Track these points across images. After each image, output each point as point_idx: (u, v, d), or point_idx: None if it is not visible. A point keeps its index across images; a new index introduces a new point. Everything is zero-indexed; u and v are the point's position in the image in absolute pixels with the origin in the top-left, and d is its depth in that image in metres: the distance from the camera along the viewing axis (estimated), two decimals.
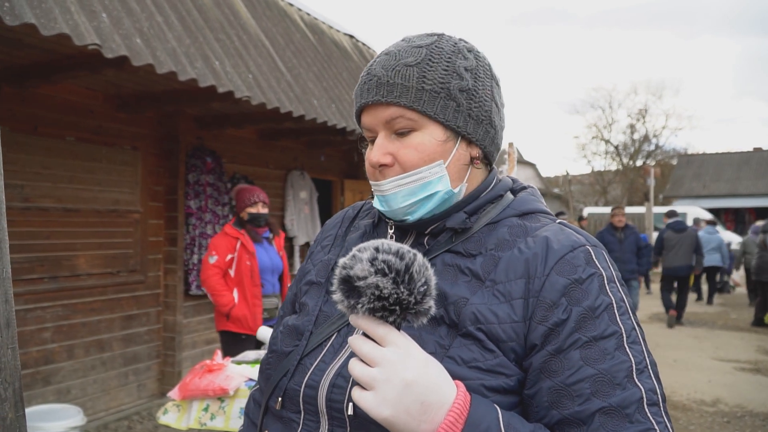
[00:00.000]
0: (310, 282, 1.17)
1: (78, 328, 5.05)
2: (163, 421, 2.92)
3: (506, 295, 0.96)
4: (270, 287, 4.85)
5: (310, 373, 1.02)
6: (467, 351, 0.94)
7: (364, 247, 0.85)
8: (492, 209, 1.08)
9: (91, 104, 5.14)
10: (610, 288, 0.96)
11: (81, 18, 3.46)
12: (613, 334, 0.92)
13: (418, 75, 1.01)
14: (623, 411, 0.88)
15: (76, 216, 5.02)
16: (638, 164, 39.41)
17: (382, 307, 0.82)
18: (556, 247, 0.98)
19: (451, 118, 1.03)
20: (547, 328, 0.93)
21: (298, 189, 7.68)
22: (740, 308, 13.03)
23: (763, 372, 7.50)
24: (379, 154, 1.04)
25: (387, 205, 1.06)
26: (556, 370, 0.91)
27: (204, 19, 4.90)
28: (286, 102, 5.19)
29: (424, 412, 0.82)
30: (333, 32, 8.00)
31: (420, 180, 1.03)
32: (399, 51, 1.05)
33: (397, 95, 1.01)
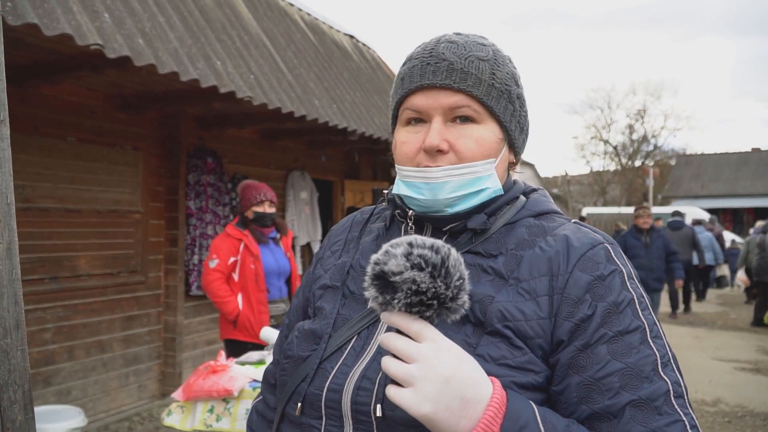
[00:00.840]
0: (325, 286, 1.15)
1: (78, 329, 5.04)
2: (168, 422, 2.92)
3: (531, 293, 0.97)
4: (276, 292, 4.56)
5: (332, 376, 1.00)
6: (495, 348, 0.94)
7: (396, 242, 0.85)
8: (508, 210, 1.08)
9: (92, 104, 5.13)
10: (630, 284, 0.98)
11: (83, 18, 3.45)
12: (637, 328, 0.94)
13: (490, 71, 1.03)
14: (652, 403, 0.89)
15: (77, 216, 5.01)
16: (637, 164, 39.47)
17: (419, 302, 0.82)
18: (576, 244, 1.00)
19: (508, 119, 1.07)
20: (573, 324, 0.94)
21: (298, 189, 7.67)
22: (740, 308, 13.04)
23: (764, 372, 7.50)
24: (438, 138, 1.01)
25: (431, 194, 1.03)
26: (584, 366, 0.92)
27: (206, 20, 4.89)
28: (288, 102, 5.19)
29: (463, 407, 0.82)
30: (333, 32, 7.99)
31: (473, 173, 1.03)
32: (467, 43, 1.05)
33: (471, 84, 1.01)
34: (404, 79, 1.07)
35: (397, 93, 1.09)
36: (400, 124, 1.10)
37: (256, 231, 4.47)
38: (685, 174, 35.75)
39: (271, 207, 4.46)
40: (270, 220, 4.46)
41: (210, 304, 6.38)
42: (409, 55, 1.09)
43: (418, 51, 1.07)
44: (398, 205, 1.12)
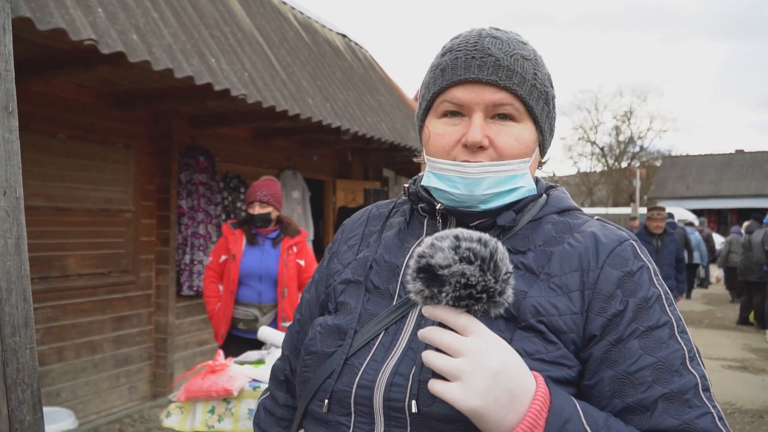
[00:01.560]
0: (347, 281, 1.13)
1: (68, 330, 4.96)
2: (167, 423, 2.87)
3: (563, 288, 0.97)
4: (253, 295, 4.22)
5: (361, 372, 0.98)
6: (530, 343, 0.93)
7: (442, 236, 0.84)
8: (533, 207, 1.08)
9: (84, 101, 5.06)
10: (656, 280, 0.99)
11: (77, 12, 3.40)
12: (666, 323, 0.95)
13: (533, 71, 1.03)
14: (683, 396, 0.90)
15: (68, 215, 4.94)
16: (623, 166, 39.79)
17: (468, 295, 0.81)
18: (605, 241, 1.00)
19: (544, 120, 1.08)
20: (606, 319, 0.94)
21: (290, 189, 7.63)
22: (725, 307, 13.18)
23: (750, 370, 7.58)
24: (481, 133, 1.01)
25: (467, 189, 1.02)
26: (617, 360, 0.93)
27: (199, 16, 4.84)
28: (282, 100, 5.15)
29: (511, 401, 0.81)
30: (326, 31, 7.96)
31: (511, 171, 1.03)
32: (510, 40, 1.04)
33: (516, 83, 1.01)
34: (445, 71, 1.04)
35: (436, 83, 1.06)
36: (435, 115, 1.07)
37: (249, 231, 4.31)
38: (670, 175, 36.11)
39: (263, 207, 4.23)
40: (260, 221, 4.24)
41: (201, 304, 6.33)
42: (448, 46, 1.07)
43: (460, 43, 1.05)
44: (422, 198, 1.11)
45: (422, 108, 1.11)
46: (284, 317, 4.17)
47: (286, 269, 4.22)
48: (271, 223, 4.28)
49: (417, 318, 1.00)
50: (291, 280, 4.24)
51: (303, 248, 4.37)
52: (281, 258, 4.24)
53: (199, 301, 6.28)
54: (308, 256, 4.39)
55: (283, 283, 4.21)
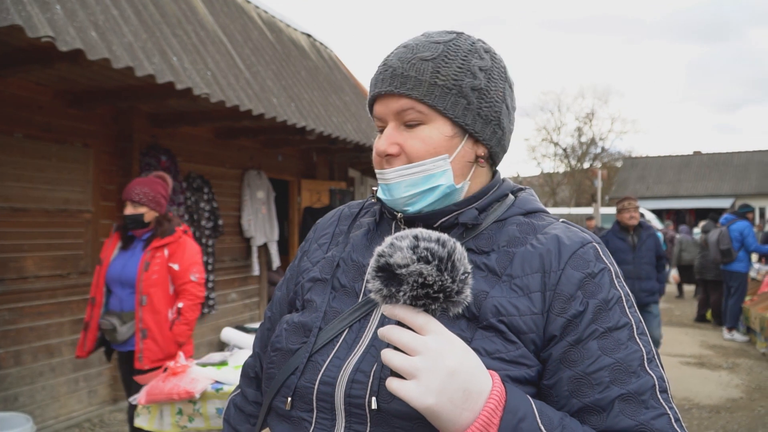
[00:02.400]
0: (314, 279, 1.15)
1: (25, 333, 4.85)
2: (138, 423, 2.86)
3: (524, 289, 0.98)
4: (116, 302, 3.82)
5: (324, 369, 0.99)
6: (490, 343, 0.95)
7: (401, 235, 0.85)
8: (498, 207, 1.10)
9: (41, 100, 4.95)
10: (617, 282, 1.01)
11: (34, 9, 3.32)
12: (625, 325, 0.97)
13: (432, 70, 1.03)
14: (640, 397, 0.92)
15: (25, 216, 4.82)
16: (585, 166, 40.46)
17: (425, 294, 0.82)
18: (567, 243, 1.02)
19: (460, 114, 1.05)
20: (565, 320, 0.96)
21: (255, 189, 7.57)
22: (683, 305, 13.50)
23: (708, 366, 7.78)
24: (386, 143, 1.05)
25: (389, 194, 1.07)
26: (575, 360, 0.94)
27: (161, 14, 4.78)
28: (246, 100, 5.11)
29: (465, 399, 0.82)
30: (290, 31, 7.93)
31: (423, 172, 1.04)
32: (417, 45, 1.06)
33: (410, 87, 1.03)
34: (369, 89, 1.11)
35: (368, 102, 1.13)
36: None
37: (125, 234, 3.91)
38: (630, 176, 36.83)
39: (135, 208, 3.80)
40: (131, 222, 3.82)
41: None
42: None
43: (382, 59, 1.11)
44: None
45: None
46: (143, 329, 3.70)
47: (145, 274, 3.74)
48: (144, 224, 3.85)
49: (381, 316, 1.01)
50: (154, 286, 3.75)
51: (178, 250, 3.84)
52: (141, 261, 3.78)
53: None
54: (185, 259, 3.83)
55: (141, 290, 3.73)
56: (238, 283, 7.55)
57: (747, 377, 7.21)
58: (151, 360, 3.65)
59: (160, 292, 3.75)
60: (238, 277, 7.56)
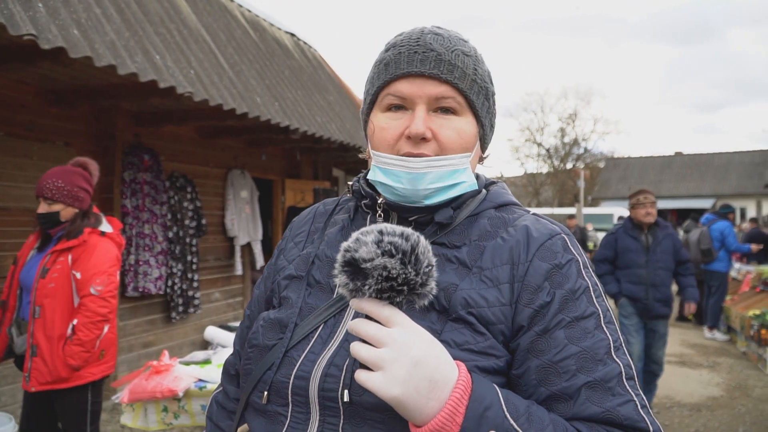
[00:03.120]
0: (290, 276, 1.15)
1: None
2: (123, 421, 2.85)
3: (493, 280, 1.00)
4: (21, 309, 3.28)
5: (299, 364, 1.00)
6: (459, 334, 0.96)
7: (367, 230, 0.86)
8: (471, 202, 1.11)
9: (23, 98, 4.91)
10: (585, 273, 1.03)
11: (16, 7, 3.30)
12: (592, 314, 0.99)
13: (473, 67, 1.06)
14: (606, 385, 0.94)
15: (6, 215, 4.78)
16: (568, 167, 40.73)
17: (390, 287, 0.84)
18: (536, 235, 1.03)
19: (484, 115, 1.10)
20: (533, 311, 0.98)
21: (238, 188, 7.55)
22: None
23: (689, 364, 7.87)
24: (424, 125, 1.02)
25: (410, 184, 1.03)
26: (543, 350, 0.96)
27: (143, 12, 4.75)
28: (229, 99, 5.10)
29: (431, 389, 0.84)
30: (274, 30, 7.92)
31: (452, 166, 1.05)
32: (450, 37, 1.07)
33: (457, 77, 1.04)
34: (389, 65, 1.06)
35: (380, 78, 1.08)
36: (379, 109, 1.09)
37: (44, 233, 3.35)
38: (613, 176, 37.14)
39: (49, 205, 3.21)
40: (43, 222, 3.24)
41: (147, 305, 6.22)
42: (391, 42, 1.10)
43: (403, 39, 1.07)
44: (366, 193, 1.13)
45: (367, 103, 1.13)
46: (33, 344, 3.10)
47: (41, 282, 3.14)
48: (60, 223, 3.25)
49: (354, 312, 1.02)
50: (49, 297, 3.12)
51: (83, 255, 3.19)
52: (39, 266, 3.20)
53: (145, 302, 6.17)
54: (89, 266, 3.16)
55: (34, 300, 3.13)
56: (221, 282, 7.53)
57: (727, 376, 7.30)
58: (38, 382, 3.06)
59: (57, 304, 3.11)
60: (222, 276, 7.54)
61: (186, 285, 6.56)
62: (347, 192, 1.22)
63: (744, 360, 8.14)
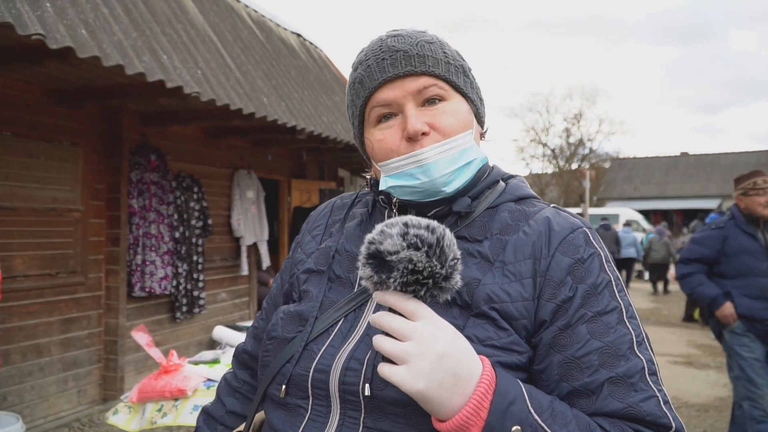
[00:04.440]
0: (310, 270, 1.16)
1: (14, 332, 4.81)
2: (111, 421, 2.82)
3: (516, 275, 0.99)
4: None
5: (319, 357, 1.00)
6: (482, 330, 0.96)
7: (392, 222, 0.86)
8: (490, 194, 1.10)
9: (29, 98, 4.92)
10: (608, 267, 1.01)
11: (24, 7, 3.31)
12: (614, 309, 0.98)
13: (441, 51, 1.07)
14: (628, 380, 0.93)
15: (13, 215, 4.79)
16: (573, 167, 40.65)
17: (415, 280, 0.83)
18: (557, 229, 1.02)
19: (470, 91, 1.11)
20: (555, 305, 0.97)
21: (245, 188, 7.56)
22: (671, 305, 13.62)
23: (696, 365, 7.85)
24: (419, 122, 1.03)
25: (426, 176, 1.03)
26: (565, 345, 0.95)
27: (150, 12, 4.76)
28: (236, 99, 5.10)
29: (456, 384, 0.84)
30: (280, 30, 7.92)
31: (459, 146, 1.05)
32: (410, 33, 1.08)
33: (431, 65, 1.04)
34: (363, 81, 1.07)
35: (360, 96, 1.09)
36: (370, 126, 1.09)
37: None
38: (618, 176, 37.06)
39: None
40: None
41: (153, 305, 6.23)
42: (357, 61, 1.10)
43: (367, 53, 1.08)
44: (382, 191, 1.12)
45: (356, 126, 1.14)
46: None
47: None
48: None
49: (375, 306, 1.02)
50: None
51: None
52: None
53: (151, 302, 6.18)
54: None
55: None
56: (227, 282, 7.54)
57: None
58: None
59: None
60: (228, 276, 7.54)
61: (191, 285, 6.57)
62: (366, 186, 1.22)
63: None
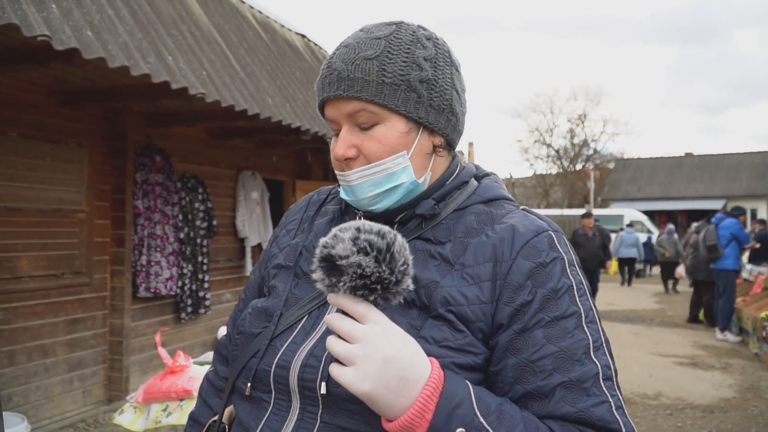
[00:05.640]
0: (279, 266, 1.17)
1: (20, 333, 4.83)
2: (117, 420, 2.83)
3: (475, 278, 0.99)
4: None
5: (281, 353, 1.02)
6: (438, 331, 0.97)
7: (345, 227, 0.87)
8: (458, 195, 1.10)
9: (34, 99, 4.94)
10: (570, 271, 1.01)
11: (30, 8, 3.32)
12: (573, 314, 0.98)
13: (378, 68, 1.01)
14: (582, 385, 0.94)
15: (18, 215, 4.81)
16: (578, 168, 40.59)
17: (363, 285, 0.85)
18: (522, 231, 1.02)
19: (412, 109, 1.04)
20: (513, 309, 0.97)
21: (249, 189, 7.57)
22: (676, 305, 13.58)
23: (701, 366, 7.83)
24: (343, 147, 1.04)
25: (353, 195, 1.07)
26: (521, 348, 0.96)
27: (156, 14, 4.77)
28: (241, 100, 5.11)
29: (402, 386, 0.85)
30: (285, 31, 7.93)
31: (384, 171, 1.04)
32: (358, 43, 1.04)
33: (358, 89, 1.01)
34: (316, 92, 1.10)
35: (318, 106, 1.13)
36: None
37: None
38: (622, 177, 36.97)
39: None
40: None
41: (158, 306, 6.24)
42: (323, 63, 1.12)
43: (326, 61, 1.09)
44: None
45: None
46: None
47: None
48: None
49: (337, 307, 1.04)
50: None
51: None
52: None
53: (156, 303, 6.19)
54: None
55: None
56: (232, 283, 7.55)
57: (740, 377, 7.26)
58: None
59: None
60: (233, 277, 7.56)
61: (196, 286, 6.58)
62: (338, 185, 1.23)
63: (756, 361, 8.09)
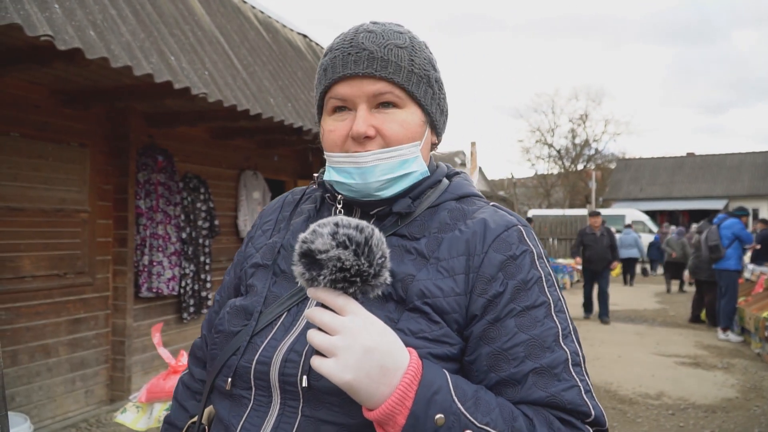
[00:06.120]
0: (257, 265, 1.19)
1: (22, 333, 4.84)
2: (119, 419, 2.84)
3: (449, 271, 1.03)
4: None
5: (261, 349, 1.04)
6: (415, 323, 1.00)
7: (323, 222, 0.90)
8: (432, 194, 1.14)
9: (36, 99, 4.94)
10: (539, 263, 1.06)
11: (33, 8, 3.32)
12: (543, 303, 1.03)
13: (409, 58, 1.08)
14: (552, 371, 0.98)
15: (21, 215, 4.81)
16: (579, 168, 40.57)
17: (343, 278, 0.88)
18: (492, 226, 1.07)
19: (429, 102, 1.12)
20: (486, 300, 1.02)
21: (251, 189, 7.58)
22: (678, 306, 13.58)
23: (703, 366, 7.82)
24: (365, 124, 1.06)
25: (361, 178, 1.07)
26: (494, 337, 1.00)
27: (158, 14, 4.78)
28: (243, 100, 5.11)
29: (383, 375, 0.88)
30: (287, 31, 7.94)
31: (400, 156, 1.08)
32: (384, 32, 1.09)
33: (392, 71, 1.06)
34: (327, 70, 1.10)
35: (321, 84, 1.13)
36: (327, 114, 1.13)
37: None
38: (624, 177, 36.97)
39: None
40: None
41: (161, 306, 6.25)
42: (329, 46, 1.13)
43: (338, 42, 1.11)
44: (328, 188, 1.16)
45: (317, 108, 1.18)
46: None
47: None
48: None
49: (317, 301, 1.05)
50: None
51: None
52: None
53: (158, 303, 6.20)
54: None
55: None
56: None
57: (742, 377, 7.26)
58: None
59: None
60: None
61: (198, 285, 6.58)
62: (313, 183, 1.25)
63: (758, 361, 8.08)
